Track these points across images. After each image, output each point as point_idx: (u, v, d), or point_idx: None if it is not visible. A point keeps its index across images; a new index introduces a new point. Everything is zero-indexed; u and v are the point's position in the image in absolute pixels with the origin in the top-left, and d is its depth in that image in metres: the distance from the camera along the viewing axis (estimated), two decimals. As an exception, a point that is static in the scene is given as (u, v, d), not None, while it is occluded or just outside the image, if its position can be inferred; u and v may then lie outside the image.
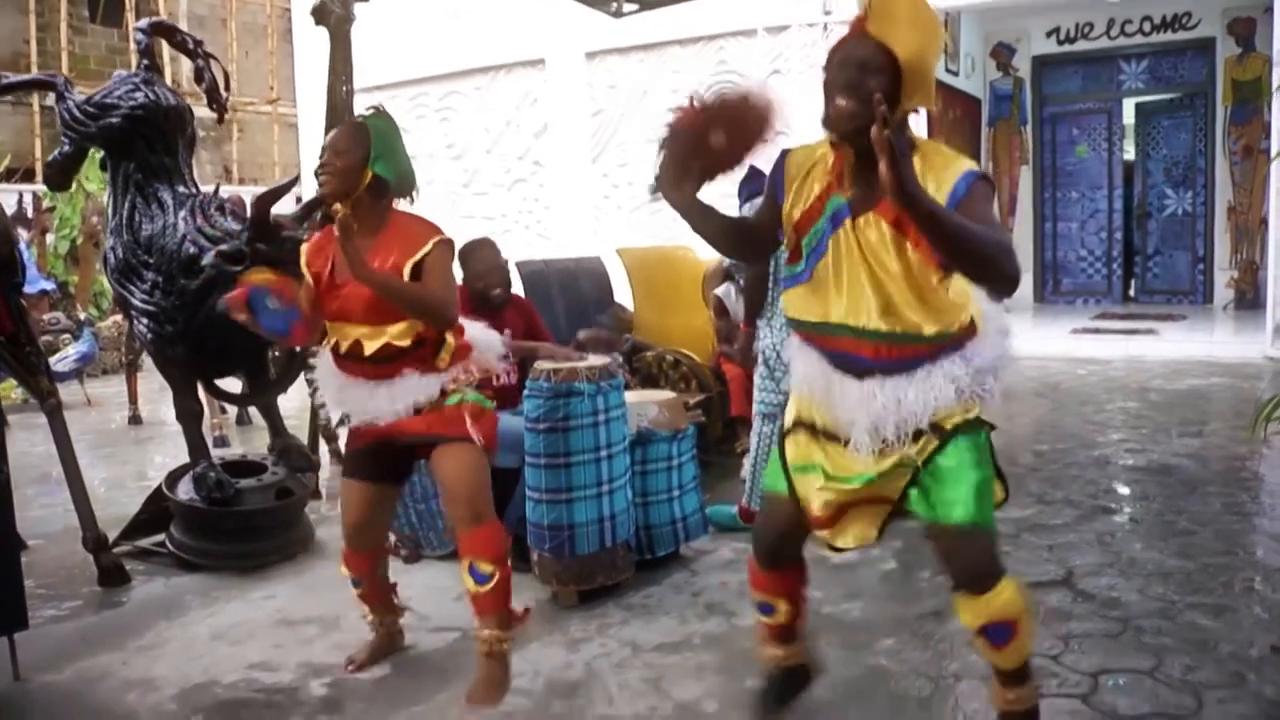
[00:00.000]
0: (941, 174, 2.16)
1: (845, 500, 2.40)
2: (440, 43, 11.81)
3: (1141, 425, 6.67)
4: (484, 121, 11.92)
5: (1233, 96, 12.09)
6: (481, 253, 4.54)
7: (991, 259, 2.02)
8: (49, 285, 11.34)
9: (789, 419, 2.53)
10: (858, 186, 2.24)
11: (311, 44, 9.99)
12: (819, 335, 2.36)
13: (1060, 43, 13.10)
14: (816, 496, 2.40)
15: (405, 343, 2.93)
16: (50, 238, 13.10)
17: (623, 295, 6.57)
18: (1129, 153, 13.52)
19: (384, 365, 2.97)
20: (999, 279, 2.04)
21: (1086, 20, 12.81)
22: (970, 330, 2.31)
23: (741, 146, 2.34)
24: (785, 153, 2.41)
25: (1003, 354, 2.33)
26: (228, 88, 4.90)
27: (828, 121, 2.21)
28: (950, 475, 2.29)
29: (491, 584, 2.95)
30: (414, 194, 3.09)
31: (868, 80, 2.14)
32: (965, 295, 2.26)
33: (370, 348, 2.94)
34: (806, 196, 2.33)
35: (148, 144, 4.49)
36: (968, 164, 2.21)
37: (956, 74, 11.85)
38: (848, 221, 2.26)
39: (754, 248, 2.66)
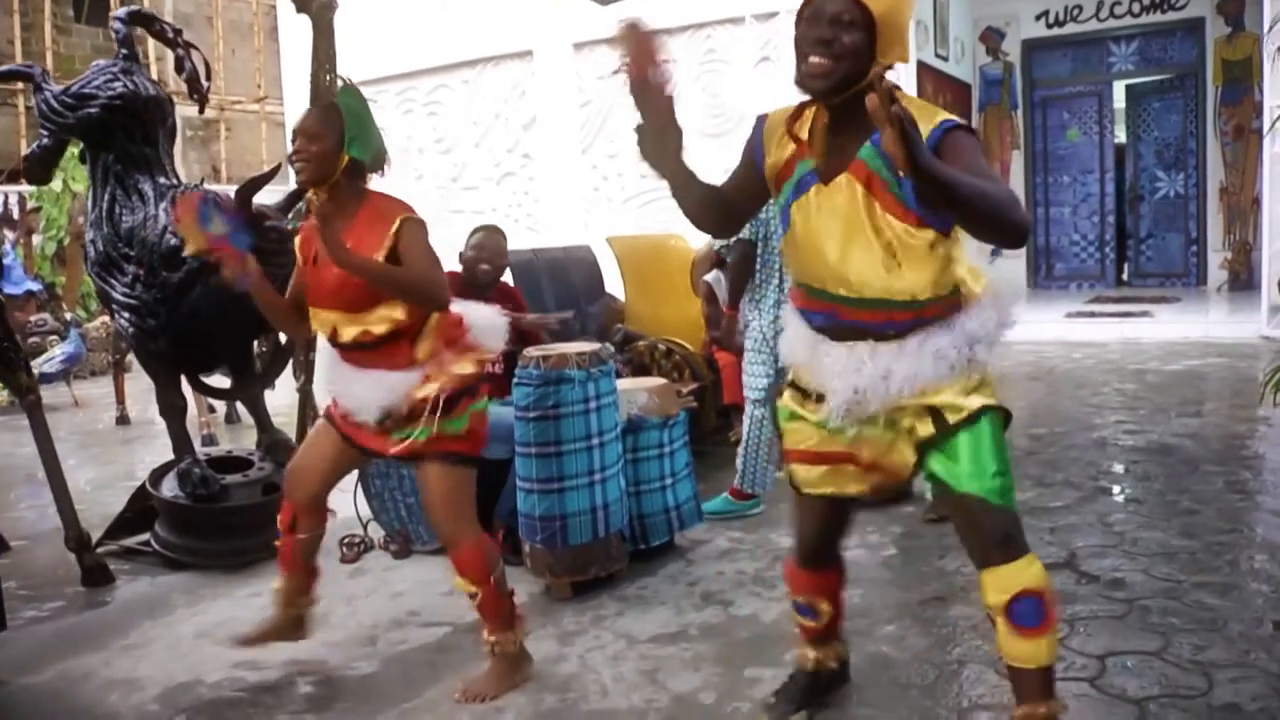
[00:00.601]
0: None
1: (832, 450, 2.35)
2: (427, 36, 11.70)
3: (1139, 406, 6.61)
4: (472, 115, 11.81)
5: (1223, 77, 12.03)
6: (486, 234, 4.52)
7: (999, 214, 1.94)
8: (36, 286, 11.22)
9: (783, 401, 2.47)
10: (830, 147, 2.18)
11: (297, 41, 9.87)
12: (811, 297, 2.31)
13: (1049, 26, 13.03)
14: (801, 437, 2.39)
15: (381, 330, 2.84)
16: (37, 239, 13.00)
17: (614, 285, 6.49)
18: (1120, 136, 13.47)
19: (363, 353, 2.89)
20: (1007, 231, 1.97)
21: (1075, 3, 12.75)
22: (960, 302, 2.24)
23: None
24: (763, 117, 2.35)
25: (998, 322, 2.25)
26: (209, 77, 4.81)
27: (800, 80, 2.13)
28: (956, 458, 2.20)
29: (478, 600, 2.91)
30: (386, 167, 3.00)
31: (841, 35, 2.07)
32: (951, 262, 2.19)
33: (347, 334, 2.86)
34: (780, 158, 2.28)
35: (127, 134, 4.41)
36: (943, 115, 2.14)
37: (946, 59, 11.77)
38: (814, 187, 2.21)
39: (728, 218, 2.50)
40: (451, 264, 3.92)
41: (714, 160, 2.71)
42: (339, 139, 2.85)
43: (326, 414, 3.11)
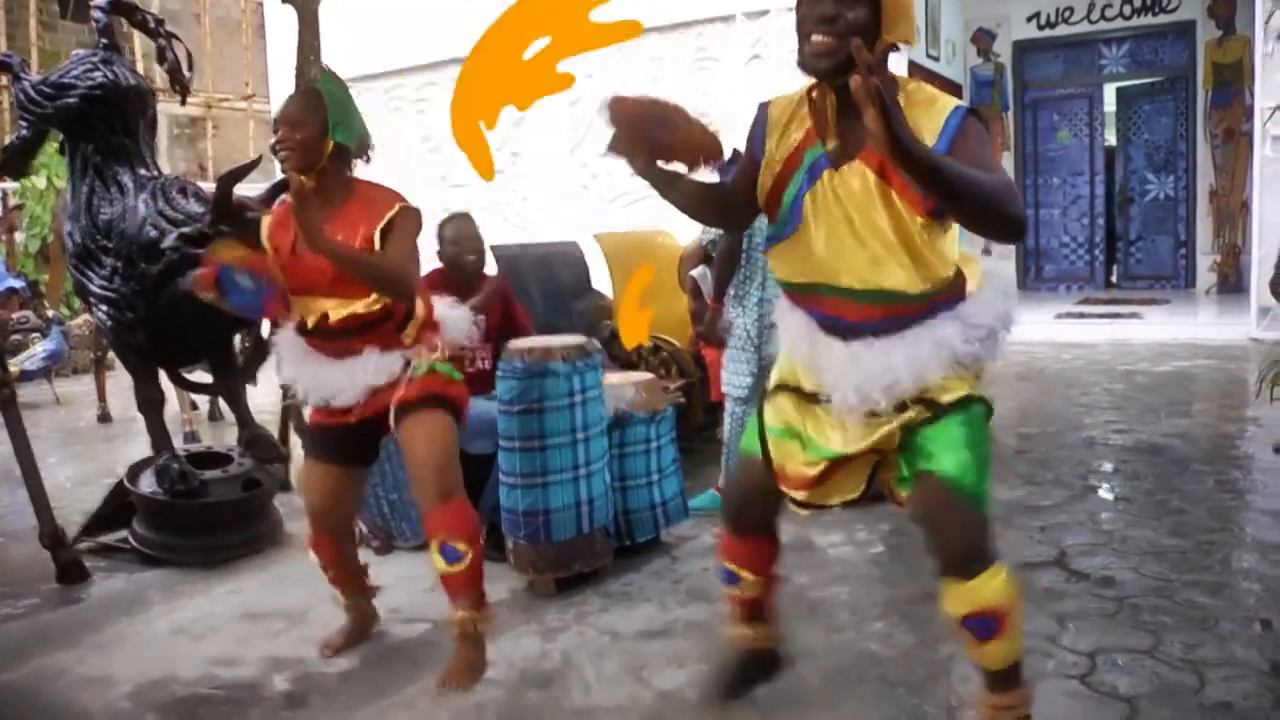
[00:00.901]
0: (930, 110, 2.03)
1: (824, 468, 2.27)
2: (415, 33, 11.64)
3: (1129, 406, 6.58)
4: (461, 113, 11.76)
5: (1213, 79, 12.03)
6: (459, 223, 4.49)
7: (994, 205, 1.85)
8: (18, 284, 11.09)
9: (772, 381, 2.40)
10: (839, 133, 2.09)
11: (284, 37, 9.80)
12: (805, 296, 2.22)
13: (1041, 27, 13.02)
14: (792, 463, 2.29)
15: (375, 309, 2.81)
16: (20, 236, 12.87)
17: (601, 281, 6.43)
18: (1110, 138, 13.46)
19: (348, 339, 2.85)
20: (1003, 225, 1.89)
21: (1067, 4, 12.74)
22: (962, 287, 2.19)
23: (685, 155, 2.16)
24: (766, 104, 2.26)
25: (1001, 315, 2.19)
26: (191, 69, 4.74)
27: (803, 62, 2.06)
28: (941, 439, 2.14)
29: (464, 563, 2.83)
30: (370, 153, 2.96)
31: (844, 12, 1.99)
32: (954, 249, 2.14)
33: (336, 318, 2.82)
34: (786, 147, 2.19)
35: (107, 125, 4.33)
36: (955, 100, 2.07)
37: (937, 59, 11.74)
38: (826, 173, 2.12)
39: (730, 213, 2.44)
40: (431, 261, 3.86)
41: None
42: (322, 125, 2.83)
43: (312, 433, 3.08)
